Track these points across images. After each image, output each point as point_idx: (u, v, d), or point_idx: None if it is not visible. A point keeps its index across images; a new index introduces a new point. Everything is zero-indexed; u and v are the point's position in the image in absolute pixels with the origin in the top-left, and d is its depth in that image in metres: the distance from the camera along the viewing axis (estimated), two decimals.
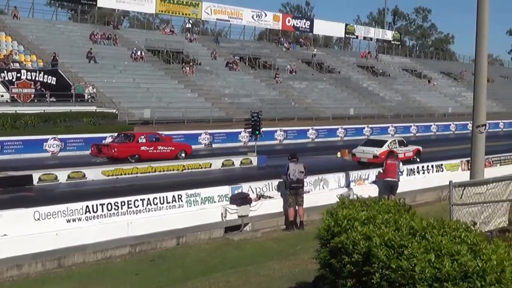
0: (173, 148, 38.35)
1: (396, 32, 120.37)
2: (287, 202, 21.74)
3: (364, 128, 60.16)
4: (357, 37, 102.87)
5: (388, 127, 62.87)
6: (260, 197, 22.62)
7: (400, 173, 25.39)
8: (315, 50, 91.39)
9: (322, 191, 24.73)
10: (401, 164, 25.59)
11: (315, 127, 56.77)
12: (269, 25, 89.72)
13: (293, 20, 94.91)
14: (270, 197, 22.85)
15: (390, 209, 8.57)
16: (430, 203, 26.02)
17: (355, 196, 9.88)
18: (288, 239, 19.88)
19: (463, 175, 24.93)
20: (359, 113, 71.45)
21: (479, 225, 12.15)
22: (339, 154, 41.04)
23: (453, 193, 13.43)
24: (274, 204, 22.57)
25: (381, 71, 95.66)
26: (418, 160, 37.45)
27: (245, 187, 22.57)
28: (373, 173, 27.28)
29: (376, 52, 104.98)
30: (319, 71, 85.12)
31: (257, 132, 38.35)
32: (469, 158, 20.76)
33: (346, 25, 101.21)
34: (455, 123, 69.87)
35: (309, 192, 23.43)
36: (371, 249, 7.03)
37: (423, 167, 30.47)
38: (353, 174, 26.87)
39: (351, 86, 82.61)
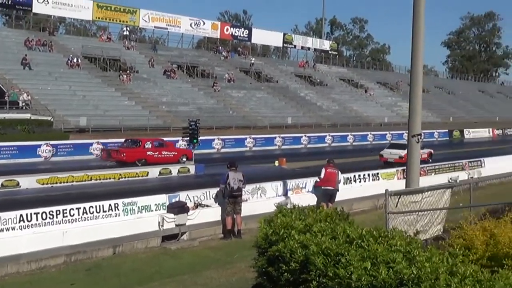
0: (176, 153, 41.16)
1: (334, 42, 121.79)
2: (225, 210, 21.70)
3: (301, 137, 60.49)
4: (295, 46, 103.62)
5: (326, 136, 63.36)
6: (197, 205, 22.54)
7: (339, 182, 25.60)
8: (253, 59, 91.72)
9: (260, 200, 24.77)
10: (340, 173, 25.78)
11: (253, 136, 56.79)
12: (207, 33, 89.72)
13: (232, 28, 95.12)
14: (207, 206, 22.79)
15: (327, 217, 8.63)
16: (367, 212, 26.33)
17: (292, 205, 9.93)
18: (225, 248, 19.86)
19: (399, 184, 25.30)
20: (297, 122, 71.88)
21: (416, 233, 12.35)
22: (276, 163, 41.21)
23: (389, 201, 13.59)
24: (212, 212, 22.51)
25: (318, 80, 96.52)
26: (430, 161, 41.69)
27: (182, 196, 22.46)
28: (310, 181, 27.43)
29: (314, 62, 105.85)
30: (257, 80, 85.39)
31: (194, 141, 38.19)
32: (405, 167, 21.05)
33: (284, 34, 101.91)
34: (391, 132, 70.80)
35: (246, 200, 23.45)
36: (308, 257, 7.07)
37: (359, 175, 30.77)
38: (291, 183, 26.98)
39: (288, 95, 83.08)
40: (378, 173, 32.01)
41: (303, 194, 26.50)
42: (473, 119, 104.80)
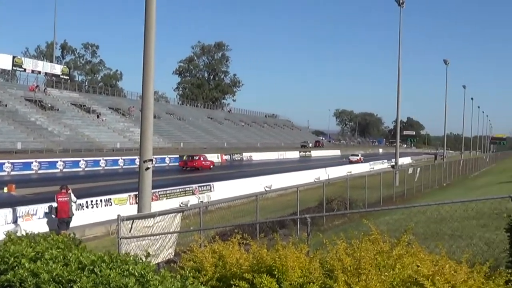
0: (209, 162, 73.47)
1: (65, 66, 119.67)
2: None
3: (32, 162, 58.61)
4: (25, 70, 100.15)
5: (57, 161, 61.90)
6: None
7: (74, 203, 25.28)
8: None
9: None
10: (72, 195, 25.36)
11: None
12: None
13: None
14: None
15: (59, 244, 8.45)
16: (100, 237, 26.11)
17: (23, 232, 9.59)
18: None
19: (132, 209, 25.41)
20: (27, 147, 69.58)
21: (150, 258, 12.44)
22: (5, 189, 39.51)
23: (121, 226, 13.60)
24: None
25: (49, 105, 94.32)
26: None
27: None
28: (41, 208, 26.64)
29: (45, 86, 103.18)
30: None
31: None
32: (137, 192, 21.17)
33: (14, 57, 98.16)
34: (123, 158, 70.88)
35: None
36: (39, 285, 6.87)
37: (92, 201, 30.41)
38: (21, 210, 25.99)
39: (18, 119, 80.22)
40: (110, 198, 31.84)
41: (34, 221, 25.63)
42: (202, 145, 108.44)
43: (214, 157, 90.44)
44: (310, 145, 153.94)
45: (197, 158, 72.21)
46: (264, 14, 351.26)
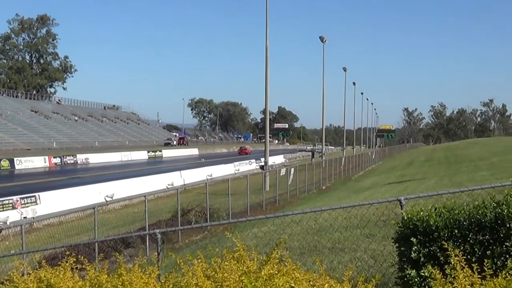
0: (250, 150, 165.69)
1: None
2: None
3: None
4: None
5: None
6: None
7: None
8: None
9: None
10: None
11: None
12: None
13: None
14: None
15: None
16: None
17: None
18: None
19: None
20: None
21: None
22: None
23: None
24: None
25: None
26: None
27: None
28: None
29: None
30: None
31: None
32: None
33: None
34: None
35: None
36: None
37: None
38: None
39: None
40: None
41: None
42: (25, 145, 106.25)
43: (40, 161, 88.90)
44: (175, 142, 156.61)
45: (246, 148, 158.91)
46: None
